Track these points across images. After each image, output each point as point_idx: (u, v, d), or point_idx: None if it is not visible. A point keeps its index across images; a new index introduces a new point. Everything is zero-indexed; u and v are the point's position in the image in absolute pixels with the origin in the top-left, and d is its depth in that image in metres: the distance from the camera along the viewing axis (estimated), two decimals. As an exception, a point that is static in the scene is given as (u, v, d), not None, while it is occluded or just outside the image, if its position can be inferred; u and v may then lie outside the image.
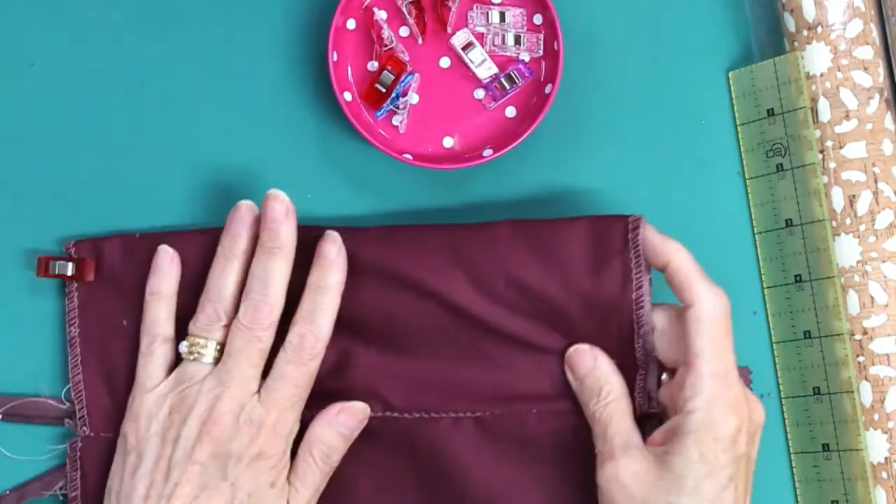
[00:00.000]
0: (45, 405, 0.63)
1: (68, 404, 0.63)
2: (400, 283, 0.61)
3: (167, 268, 0.61)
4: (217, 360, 0.59)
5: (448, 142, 0.64)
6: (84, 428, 0.62)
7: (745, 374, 0.63)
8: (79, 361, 0.62)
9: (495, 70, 0.63)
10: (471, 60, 0.63)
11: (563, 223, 0.60)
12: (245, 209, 0.60)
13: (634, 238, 0.59)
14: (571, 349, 0.60)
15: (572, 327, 0.60)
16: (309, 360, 0.59)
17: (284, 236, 0.59)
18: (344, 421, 0.60)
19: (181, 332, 0.61)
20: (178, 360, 0.60)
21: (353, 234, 0.61)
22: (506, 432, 0.61)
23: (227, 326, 0.59)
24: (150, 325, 0.61)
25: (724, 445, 0.55)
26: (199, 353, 0.59)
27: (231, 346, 0.59)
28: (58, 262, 0.61)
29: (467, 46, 0.63)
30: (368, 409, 0.61)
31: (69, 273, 0.62)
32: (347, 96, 0.63)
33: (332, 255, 0.60)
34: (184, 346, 0.59)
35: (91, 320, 0.62)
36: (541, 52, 0.64)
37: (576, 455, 0.60)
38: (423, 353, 0.61)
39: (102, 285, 0.62)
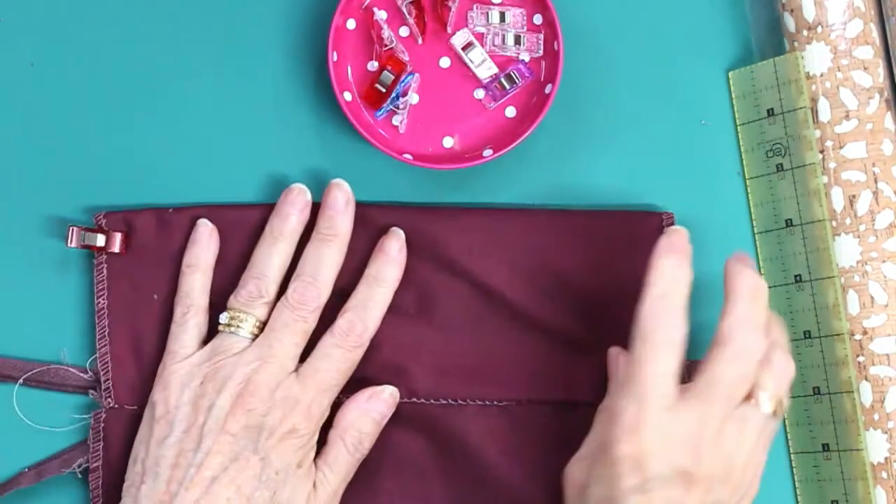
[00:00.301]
0: (67, 373, 0.62)
1: (91, 374, 0.62)
2: (435, 261, 0.61)
3: (206, 241, 0.61)
4: (254, 337, 0.59)
5: (448, 142, 0.64)
6: (109, 399, 0.62)
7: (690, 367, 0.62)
8: (106, 333, 0.62)
9: (495, 70, 0.63)
10: (471, 60, 0.63)
11: (599, 213, 0.62)
12: (297, 192, 0.61)
13: None
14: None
15: (603, 314, 0.61)
16: (354, 348, 0.59)
17: (341, 226, 0.60)
18: (375, 406, 0.60)
19: (212, 306, 0.61)
20: (209, 334, 0.61)
21: (388, 210, 0.62)
22: (531, 422, 0.61)
23: (268, 304, 0.60)
24: (185, 295, 0.61)
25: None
26: (237, 326, 0.59)
27: (275, 321, 0.59)
28: (87, 233, 0.61)
29: (467, 46, 0.63)
30: (398, 394, 0.61)
31: (99, 244, 0.61)
32: (347, 96, 0.63)
33: (394, 252, 0.61)
34: (224, 317, 0.60)
35: (120, 292, 0.62)
36: (541, 52, 0.64)
37: None
38: (452, 338, 0.62)
39: (132, 258, 0.62)
